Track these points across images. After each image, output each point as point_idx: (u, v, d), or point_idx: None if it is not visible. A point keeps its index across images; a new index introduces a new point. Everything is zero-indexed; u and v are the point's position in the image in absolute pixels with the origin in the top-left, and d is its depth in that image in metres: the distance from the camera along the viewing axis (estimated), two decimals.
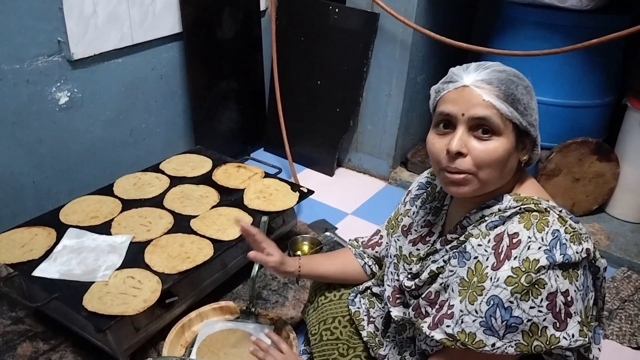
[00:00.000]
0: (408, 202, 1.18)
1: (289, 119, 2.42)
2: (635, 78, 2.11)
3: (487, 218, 0.94)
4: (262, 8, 2.47)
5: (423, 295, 1.02)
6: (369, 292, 1.30)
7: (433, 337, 0.94)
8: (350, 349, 1.26)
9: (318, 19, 2.36)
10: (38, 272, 1.43)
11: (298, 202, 1.82)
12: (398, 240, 1.16)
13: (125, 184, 1.84)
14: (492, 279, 0.87)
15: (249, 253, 1.23)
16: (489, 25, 2.36)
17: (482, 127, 0.88)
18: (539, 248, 0.85)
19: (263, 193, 1.83)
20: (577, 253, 0.85)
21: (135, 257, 1.50)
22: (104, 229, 1.61)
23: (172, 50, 2.16)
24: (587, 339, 0.87)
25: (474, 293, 0.88)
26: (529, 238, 0.86)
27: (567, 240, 0.85)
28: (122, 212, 1.69)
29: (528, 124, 0.90)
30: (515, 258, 0.85)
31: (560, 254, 0.84)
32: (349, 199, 2.35)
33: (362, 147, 2.53)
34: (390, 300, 1.13)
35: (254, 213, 1.72)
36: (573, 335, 0.86)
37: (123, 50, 1.97)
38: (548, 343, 0.85)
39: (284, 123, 2.39)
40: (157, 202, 1.75)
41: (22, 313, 1.57)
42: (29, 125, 1.78)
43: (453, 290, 0.94)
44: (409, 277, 1.08)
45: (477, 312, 0.87)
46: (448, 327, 0.91)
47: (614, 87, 2.15)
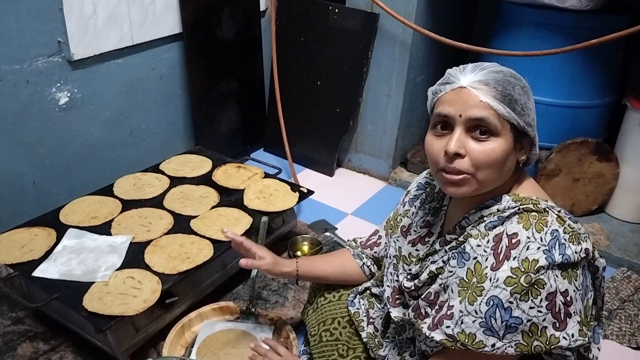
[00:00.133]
0: (407, 202, 1.18)
1: (289, 119, 2.42)
2: (635, 78, 2.11)
3: (486, 218, 0.94)
4: (262, 8, 2.47)
5: (422, 296, 1.02)
6: (368, 292, 1.30)
7: (433, 338, 0.94)
8: (350, 350, 1.26)
9: (318, 19, 2.36)
10: (38, 272, 1.43)
11: (298, 202, 1.82)
12: (397, 241, 1.15)
13: (125, 185, 1.84)
14: (491, 280, 0.87)
15: (240, 261, 1.24)
16: (489, 26, 2.36)
17: (479, 128, 0.88)
18: (538, 248, 0.85)
19: (263, 193, 1.83)
20: (576, 253, 0.85)
21: (135, 257, 1.50)
22: (104, 230, 1.61)
23: (172, 51, 2.16)
24: (586, 339, 0.87)
25: (474, 294, 0.89)
26: (528, 238, 0.86)
27: (566, 240, 0.85)
28: (122, 212, 1.69)
29: (526, 124, 0.90)
30: (515, 258, 0.86)
31: (560, 254, 0.84)
32: (349, 199, 2.35)
33: (362, 147, 2.53)
34: (390, 301, 1.13)
35: (254, 213, 1.72)
36: (573, 335, 0.86)
37: (123, 51, 1.97)
38: (548, 343, 0.85)
39: (284, 123, 2.39)
40: (157, 202, 1.75)
41: (22, 313, 1.57)
42: (29, 126, 1.78)
43: (452, 291, 0.94)
44: (409, 277, 1.08)
45: (476, 312, 0.87)
46: (448, 327, 0.91)
47: (614, 87, 2.15)
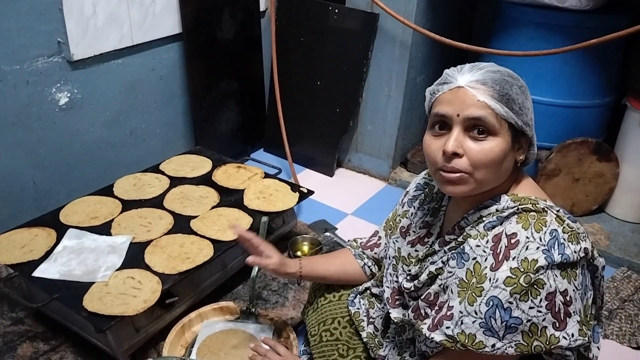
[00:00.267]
0: (406, 203, 1.18)
1: (289, 119, 2.42)
2: (635, 78, 2.11)
3: (485, 219, 0.94)
4: (262, 8, 2.47)
5: (422, 297, 1.02)
6: (369, 292, 1.30)
7: (433, 338, 0.94)
8: (350, 350, 1.26)
9: (318, 19, 2.36)
10: (38, 272, 1.43)
11: (298, 202, 1.82)
12: (397, 242, 1.15)
13: (125, 185, 1.84)
14: (491, 280, 0.87)
15: (248, 258, 1.22)
16: (489, 26, 2.36)
17: (477, 127, 0.88)
18: (537, 248, 0.85)
19: (263, 193, 1.83)
20: (575, 252, 0.85)
21: (135, 257, 1.50)
22: (104, 230, 1.61)
23: (172, 51, 2.16)
24: (586, 338, 0.87)
25: (473, 294, 0.89)
26: (527, 238, 0.86)
27: (565, 240, 0.85)
28: (122, 212, 1.69)
29: (523, 124, 0.91)
30: (514, 258, 0.86)
31: (559, 254, 0.84)
32: (349, 200, 2.35)
33: (362, 147, 2.53)
34: (390, 302, 1.13)
35: (254, 213, 1.72)
36: (572, 335, 0.86)
37: (123, 51, 1.97)
38: (548, 343, 0.85)
39: (284, 123, 2.39)
40: (157, 202, 1.75)
41: (22, 314, 1.57)
42: (29, 126, 1.78)
43: (452, 292, 0.94)
44: (408, 278, 1.08)
45: (476, 313, 0.87)
46: (448, 328, 0.91)
47: (614, 87, 2.15)
